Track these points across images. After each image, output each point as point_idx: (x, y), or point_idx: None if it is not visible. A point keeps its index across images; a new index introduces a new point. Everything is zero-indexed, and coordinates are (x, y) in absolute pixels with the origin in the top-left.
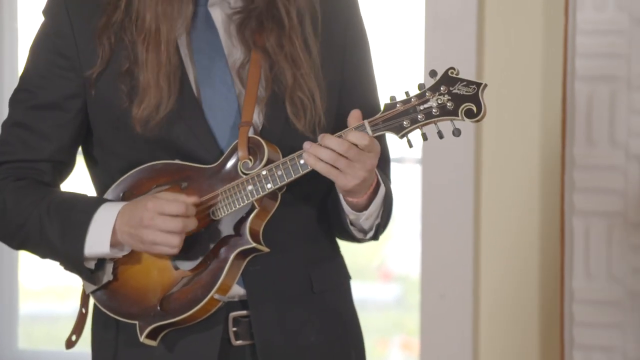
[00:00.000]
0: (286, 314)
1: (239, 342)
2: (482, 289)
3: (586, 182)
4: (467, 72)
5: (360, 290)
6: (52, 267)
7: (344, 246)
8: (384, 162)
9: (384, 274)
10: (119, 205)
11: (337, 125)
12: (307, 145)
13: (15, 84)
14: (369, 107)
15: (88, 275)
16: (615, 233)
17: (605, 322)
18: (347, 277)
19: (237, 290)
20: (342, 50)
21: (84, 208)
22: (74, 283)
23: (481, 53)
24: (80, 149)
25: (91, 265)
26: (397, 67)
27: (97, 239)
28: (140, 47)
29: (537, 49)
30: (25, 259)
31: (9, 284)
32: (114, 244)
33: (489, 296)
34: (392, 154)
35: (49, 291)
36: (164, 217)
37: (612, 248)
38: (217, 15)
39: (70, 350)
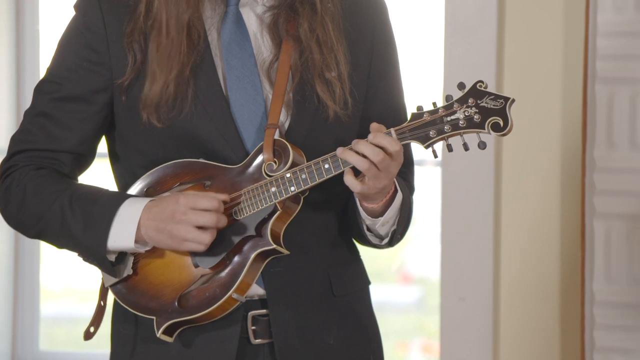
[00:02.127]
0: (305, 315)
1: (257, 341)
2: (502, 291)
3: (606, 184)
4: (487, 75)
5: (380, 293)
6: (73, 269)
7: (364, 249)
8: (407, 165)
9: (403, 277)
10: (144, 201)
11: (362, 129)
12: (339, 150)
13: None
14: (395, 112)
15: (109, 267)
16: (636, 235)
17: (626, 324)
18: (367, 283)
19: (257, 290)
20: (369, 55)
21: (108, 202)
22: (95, 285)
23: (501, 55)
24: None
25: (112, 257)
26: (417, 71)
27: (122, 234)
28: (151, 42)
29: (557, 51)
30: (46, 260)
31: (30, 285)
32: (138, 239)
33: (509, 298)
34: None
35: (69, 292)
36: (197, 211)
37: (632, 250)
38: (248, 15)
39: (90, 352)
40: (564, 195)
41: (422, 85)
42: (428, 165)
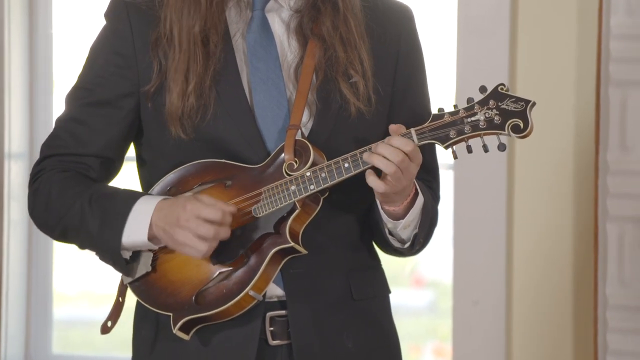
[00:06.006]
0: (324, 317)
1: (275, 342)
2: (515, 294)
3: (620, 187)
4: (500, 77)
5: (392, 296)
6: (87, 273)
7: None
8: (433, 174)
9: (416, 280)
10: (157, 199)
11: (387, 135)
12: (366, 155)
13: (49, 89)
14: (422, 117)
15: (123, 265)
16: None
17: (639, 327)
18: (387, 291)
19: (276, 291)
20: (394, 61)
21: (124, 199)
22: (109, 288)
23: (514, 58)
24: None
25: (127, 255)
26: (429, 73)
27: (135, 229)
28: (169, 53)
29: (570, 54)
30: (59, 264)
31: (43, 289)
32: (150, 236)
33: (522, 302)
34: None
35: (83, 296)
36: (199, 220)
37: None
38: (274, 19)
39: (104, 355)
40: (576, 198)
41: (434, 87)
42: (440, 169)
